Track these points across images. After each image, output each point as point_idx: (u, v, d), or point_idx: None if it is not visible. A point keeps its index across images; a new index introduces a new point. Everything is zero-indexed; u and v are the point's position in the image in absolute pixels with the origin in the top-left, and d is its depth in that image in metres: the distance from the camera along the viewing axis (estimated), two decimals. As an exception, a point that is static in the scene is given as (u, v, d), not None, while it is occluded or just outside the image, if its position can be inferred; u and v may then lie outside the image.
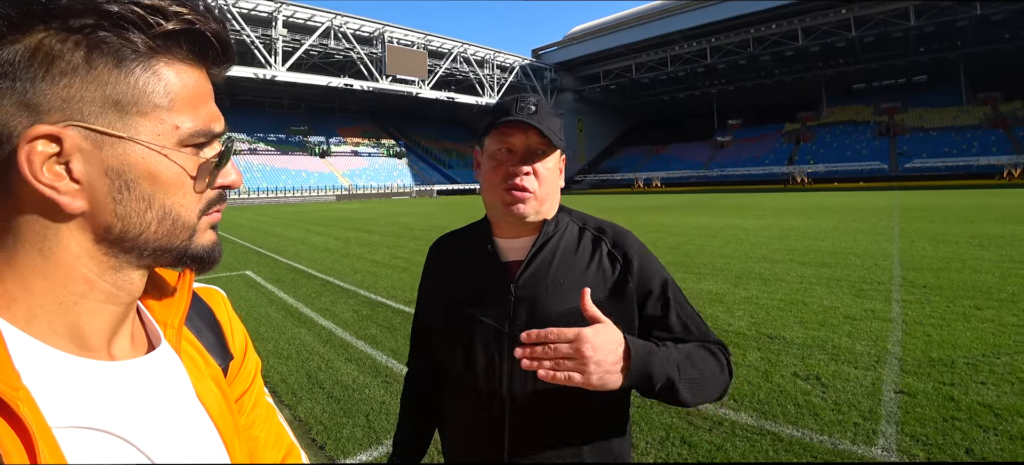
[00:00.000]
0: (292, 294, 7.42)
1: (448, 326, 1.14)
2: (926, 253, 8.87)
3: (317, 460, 3.07)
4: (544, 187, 1.07)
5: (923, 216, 15.04)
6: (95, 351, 0.50)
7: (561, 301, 1.06)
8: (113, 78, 0.46)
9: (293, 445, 0.74)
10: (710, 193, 38.90)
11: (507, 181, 1.05)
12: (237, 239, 15.11)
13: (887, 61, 52.06)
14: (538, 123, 1.02)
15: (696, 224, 15.41)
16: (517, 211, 1.06)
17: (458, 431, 1.17)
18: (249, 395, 0.71)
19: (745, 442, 3.04)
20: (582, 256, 1.11)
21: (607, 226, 1.17)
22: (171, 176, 0.50)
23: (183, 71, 0.50)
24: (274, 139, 58.41)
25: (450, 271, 1.20)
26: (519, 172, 1.04)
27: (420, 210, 27.03)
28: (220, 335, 0.69)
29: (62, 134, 0.44)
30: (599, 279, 1.09)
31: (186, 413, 0.55)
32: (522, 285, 1.07)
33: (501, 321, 1.07)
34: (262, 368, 3.21)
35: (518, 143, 1.05)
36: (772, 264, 8.47)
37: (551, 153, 1.07)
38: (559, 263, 1.09)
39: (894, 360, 4.17)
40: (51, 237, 0.46)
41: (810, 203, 22.73)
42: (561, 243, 1.12)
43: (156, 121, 0.48)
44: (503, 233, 1.14)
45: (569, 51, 61.93)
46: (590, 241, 1.14)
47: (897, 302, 5.87)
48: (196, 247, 0.54)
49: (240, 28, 39.40)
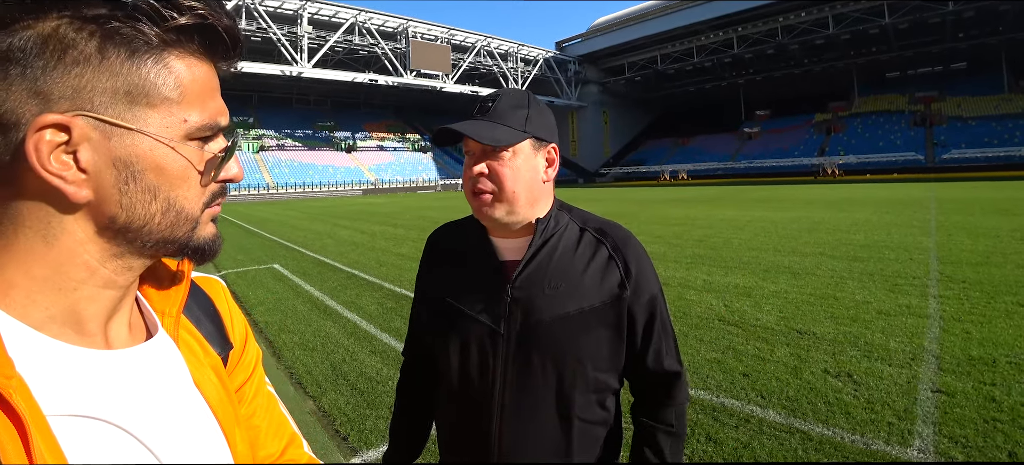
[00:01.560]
0: (318, 287, 7.52)
1: (442, 323, 1.12)
2: (965, 247, 8.55)
3: (341, 451, 3.10)
4: (508, 185, 1.02)
5: (961, 208, 14.50)
6: (92, 336, 0.50)
7: (557, 305, 1.04)
8: (125, 69, 0.46)
9: (295, 434, 0.74)
10: (737, 185, 38.19)
11: (468, 184, 1.06)
12: (266, 233, 15.39)
13: (923, 48, 50.19)
14: (470, 129, 1.00)
15: (723, 217, 15.14)
16: (483, 214, 1.05)
17: (450, 430, 1.16)
18: (250, 385, 0.71)
19: (773, 440, 2.97)
20: (581, 258, 1.08)
21: (608, 227, 1.13)
22: (177, 169, 0.50)
23: (193, 65, 0.50)
24: (301, 135, 59.29)
25: (445, 265, 1.18)
26: (471, 174, 1.04)
27: (445, 204, 27.15)
28: (219, 325, 0.69)
29: (71, 123, 0.44)
30: (597, 284, 1.06)
31: (183, 401, 0.55)
32: (518, 286, 1.05)
33: (496, 322, 1.05)
34: (288, 359, 3.25)
35: (473, 146, 1.04)
36: (802, 257, 8.27)
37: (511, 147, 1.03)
38: (557, 265, 1.07)
39: (931, 358, 4.03)
40: (55, 225, 0.47)
41: (841, 195, 22.13)
42: (560, 244, 1.09)
43: (165, 113, 0.48)
44: (495, 232, 1.11)
45: (593, 43, 61.35)
46: (590, 243, 1.11)
47: (934, 297, 5.67)
48: (198, 239, 0.54)
49: (267, 26, 40.04)
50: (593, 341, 1.05)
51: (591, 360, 1.05)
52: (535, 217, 1.08)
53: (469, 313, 1.08)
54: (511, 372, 1.04)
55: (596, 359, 1.06)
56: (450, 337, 1.10)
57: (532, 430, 1.05)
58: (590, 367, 1.05)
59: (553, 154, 1.11)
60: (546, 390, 1.04)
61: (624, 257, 1.09)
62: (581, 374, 1.05)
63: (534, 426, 1.04)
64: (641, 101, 71.78)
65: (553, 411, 1.04)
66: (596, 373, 1.06)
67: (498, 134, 1.01)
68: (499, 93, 1.06)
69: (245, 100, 59.78)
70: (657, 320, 1.09)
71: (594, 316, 1.05)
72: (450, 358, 1.10)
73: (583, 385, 1.05)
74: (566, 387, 1.04)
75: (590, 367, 1.05)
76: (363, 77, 47.86)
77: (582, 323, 1.04)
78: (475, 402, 1.07)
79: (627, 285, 1.07)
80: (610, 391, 1.10)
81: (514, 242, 1.10)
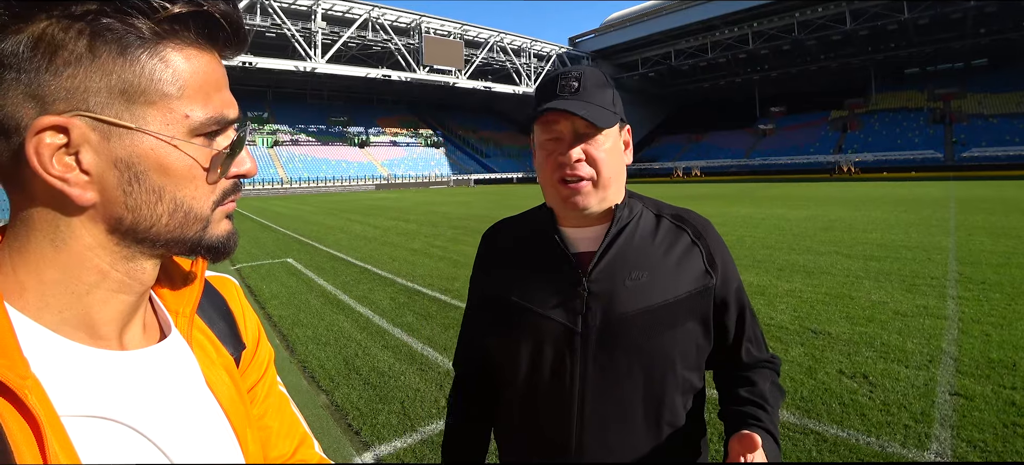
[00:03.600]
0: (331, 281, 7.57)
1: (509, 324, 1.02)
2: (985, 247, 8.39)
3: (353, 445, 3.12)
4: (605, 171, 0.94)
5: (982, 208, 14.24)
6: (106, 340, 0.49)
7: (641, 297, 0.94)
8: (118, 66, 0.44)
9: (306, 435, 0.74)
10: (752, 183, 37.85)
11: (558, 172, 0.94)
12: (279, 227, 15.52)
13: (943, 44, 49.16)
14: (580, 108, 0.90)
15: (737, 214, 15.01)
16: (576, 204, 0.95)
17: (519, 438, 1.05)
18: (262, 385, 0.71)
19: (787, 441, 2.94)
20: (661, 247, 0.99)
21: (686, 213, 1.05)
22: (182, 168, 0.48)
23: (193, 56, 0.49)
24: (315, 130, 59.66)
25: (509, 263, 1.07)
26: (568, 161, 0.93)
27: (457, 199, 27.19)
28: (232, 324, 0.69)
29: (69, 124, 0.43)
30: (681, 273, 0.97)
31: (196, 402, 0.55)
32: (595, 279, 0.96)
33: (573, 319, 0.95)
34: (302, 353, 3.28)
35: (564, 129, 0.94)
36: (817, 256, 8.18)
37: (605, 130, 0.94)
38: (637, 253, 0.97)
39: (949, 360, 3.96)
40: (63, 228, 0.46)
41: (857, 193, 21.84)
42: (637, 232, 1.00)
43: (165, 110, 0.47)
44: (569, 222, 1.01)
45: (606, 39, 61.06)
46: (669, 230, 1.02)
47: (953, 298, 5.58)
48: (210, 238, 0.53)
49: (281, 22, 40.32)
50: (681, 336, 0.97)
51: (681, 357, 0.97)
52: (614, 203, 0.99)
53: (539, 311, 0.98)
54: (592, 374, 0.94)
55: (686, 356, 0.98)
56: (518, 339, 1.00)
57: (618, 439, 0.95)
58: (680, 365, 0.97)
59: (628, 136, 1.03)
60: (633, 393, 0.95)
61: (707, 244, 1.01)
62: (671, 373, 0.96)
63: (620, 434, 0.95)
64: (655, 97, 71.26)
65: (641, 417, 0.95)
66: (685, 371, 0.98)
67: (603, 116, 0.93)
68: (581, 71, 0.96)
69: (260, 96, 60.25)
70: (747, 309, 1.04)
71: (681, 308, 0.96)
72: (519, 362, 1.00)
73: (673, 386, 0.96)
74: (656, 389, 0.95)
75: (680, 365, 0.97)
76: (376, 73, 48.06)
77: (669, 316, 0.95)
78: (550, 409, 0.97)
79: (713, 273, 0.99)
80: (697, 391, 1.02)
81: (588, 232, 1.00)
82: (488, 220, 15.28)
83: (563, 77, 0.95)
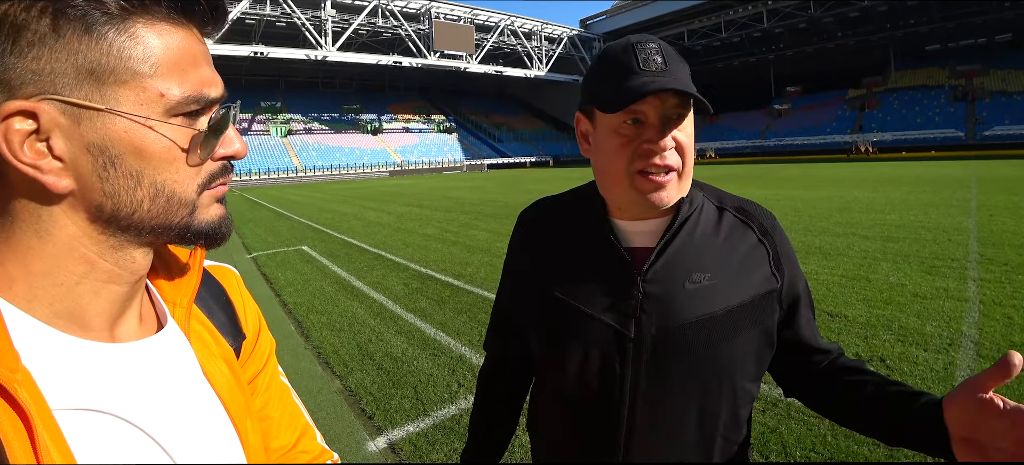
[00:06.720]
0: (345, 268, 7.63)
1: (551, 322, 0.92)
2: (1008, 228, 8.20)
3: (366, 429, 3.15)
4: (689, 160, 0.84)
5: (1004, 188, 13.91)
6: (97, 332, 0.48)
7: (701, 303, 0.84)
8: (84, 45, 0.42)
9: (308, 425, 0.73)
10: (767, 164, 37.37)
11: (640, 162, 0.81)
12: (294, 215, 15.66)
13: (965, 19, 47.74)
14: (675, 82, 0.77)
15: (752, 195, 14.46)
16: (660, 200, 0.82)
17: (558, 445, 0.98)
18: (263, 375, 0.70)
19: (801, 425, 2.92)
20: (725, 245, 0.89)
21: (751, 206, 0.95)
22: (160, 150, 0.46)
23: (166, 32, 0.46)
24: (328, 118, 59.91)
25: (551, 252, 0.96)
26: (659, 150, 0.79)
27: (471, 184, 27.21)
28: (232, 315, 0.67)
29: (37, 109, 0.41)
30: (746, 276, 0.87)
31: (193, 393, 0.54)
32: (651, 279, 0.85)
33: (624, 323, 0.85)
34: (316, 339, 3.30)
35: (649, 111, 0.80)
36: (833, 237, 8.06)
37: (688, 113, 0.83)
38: (698, 252, 0.87)
39: (969, 344, 3.89)
40: (45, 218, 0.45)
41: (875, 173, 21.46)
42: (698, 227, 0.89)
43: (138, 90, 0.44)
44: (626, 213, 0.89)
45: (618, 20, 60.23)
46: (733, 225, 0.91)
47: (973, 281, 5.47)
48: (199, 223, 0.51)
49: (291, 10, 40.32)
50: (743, 346, 0.87)
51: (741, 369, 0.88)
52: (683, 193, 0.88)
53: (587, 312, 0.87)
54: (644, 385, 0.86)
55: (745, 367, 0.89)
56: (561, 339, 0.90)
57: (666, 450, 0.88)
58: (739, 376, 0.88)
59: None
60: (687, 406, 0.87)
61: (774, 242, 0.91)
62: (728, 386, 0.87)
63: (671, 447, 0.88)
64: (668, 79, 70.38)
65: (695, 431, 0.87)
66: (743, 382, 0.89)
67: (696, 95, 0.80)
68: (660, 46, 0.83)
69: (272, 85, 60.60)
70: (813, 310, 0.98)
71: (744, 315, 0.86)
72: (561, 363, 0.91)
73: (730, 399, 0.88)
74: (712, 402, 0.87)
75: (739, 376, 0.88)
76: (387, 59, 48.00)
77: (731, 325, 0.86)
78: (594, 418, 0.90)
79: (779, 277, 0.90)
80: (752, 400, 0.94)
81: (644, 224, 0.89)
82: (502, 205, 15.27)
83: (641, 49, 0.81)
